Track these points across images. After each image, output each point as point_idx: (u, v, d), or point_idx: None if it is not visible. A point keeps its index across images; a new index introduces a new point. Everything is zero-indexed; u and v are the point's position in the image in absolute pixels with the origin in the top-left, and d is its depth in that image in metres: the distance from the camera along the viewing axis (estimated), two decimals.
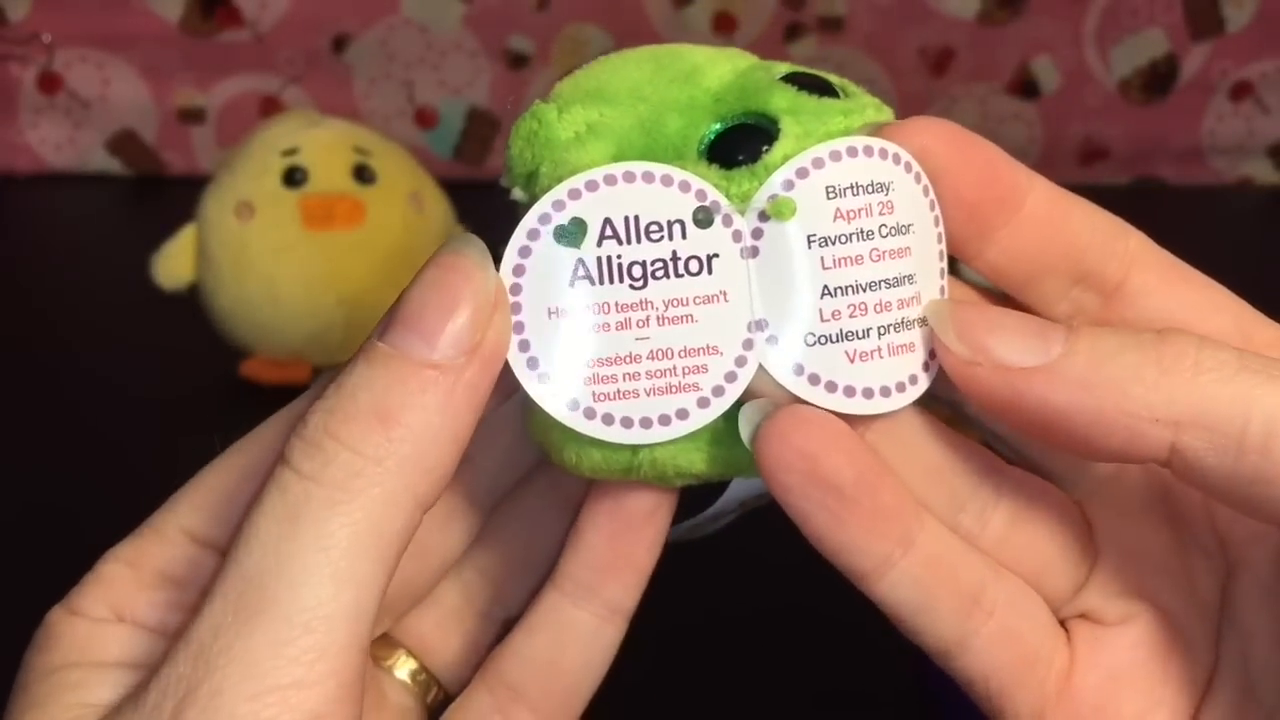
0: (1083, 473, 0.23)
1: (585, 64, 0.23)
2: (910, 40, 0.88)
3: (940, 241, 0.22)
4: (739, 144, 0.21)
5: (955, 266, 0.22)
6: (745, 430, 0.21)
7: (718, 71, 0.22)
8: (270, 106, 0.87)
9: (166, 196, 0.76)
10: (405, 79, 0.88)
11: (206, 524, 0.22)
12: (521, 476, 0.25)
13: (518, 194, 0.22)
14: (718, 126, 0.21)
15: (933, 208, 0.21)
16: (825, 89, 0.22)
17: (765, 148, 0.21)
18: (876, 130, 0.21)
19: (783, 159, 0.21)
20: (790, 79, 0.22)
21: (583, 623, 0.24)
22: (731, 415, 0.21)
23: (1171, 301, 0.22)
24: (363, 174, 0.60)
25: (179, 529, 0.22)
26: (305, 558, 0.19)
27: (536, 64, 0.88)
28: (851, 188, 0.21)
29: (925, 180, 0.21)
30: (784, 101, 0.21)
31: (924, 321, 0.21)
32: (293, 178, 0.59)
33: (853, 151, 0.21)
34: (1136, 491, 0.23)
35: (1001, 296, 0.23)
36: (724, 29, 0.88)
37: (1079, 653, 0.23)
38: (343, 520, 0.19)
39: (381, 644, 0.25)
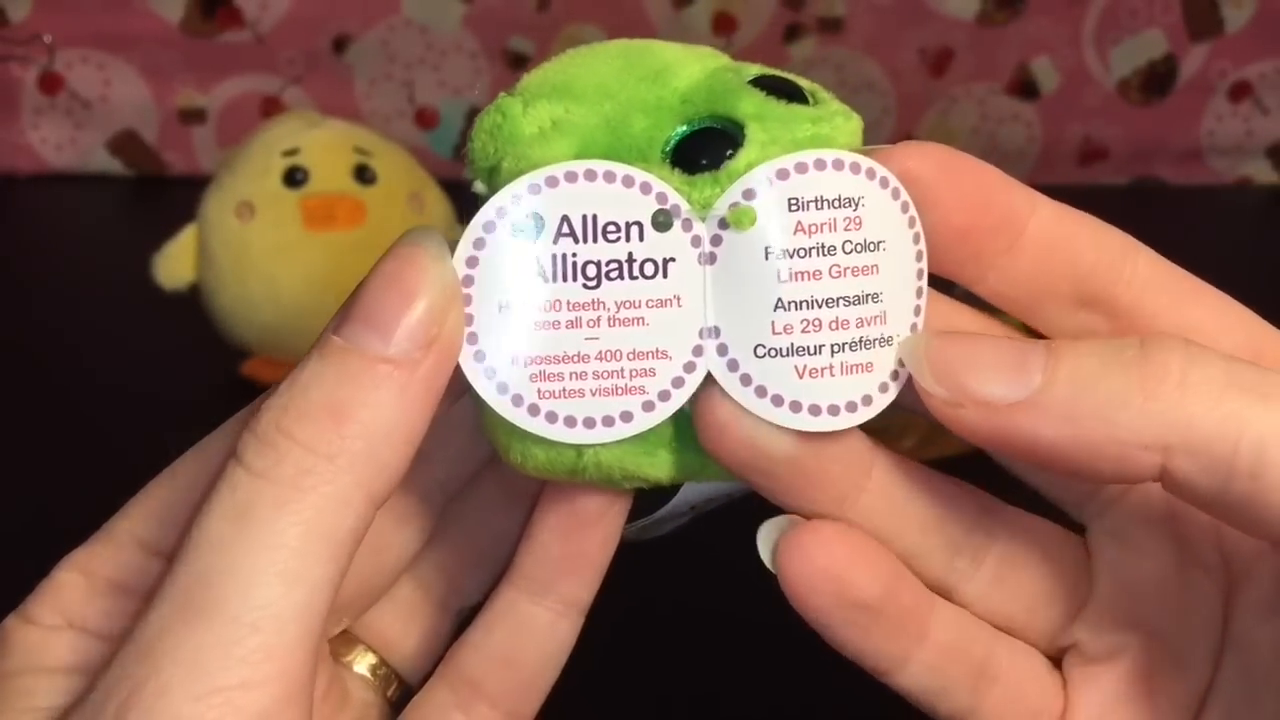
0: (1086, 495, 0.24)
1: (554, 57, 0.23)
2: (910, 41, 0.88)
3: (920, 260, 0.21)
4: (703, 148, 0.21)
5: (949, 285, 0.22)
6: (764, 549, 0.21)
7: (687, 72, 0.22)
8: (271, 107, 0.87)
9: (167, 197, 0.77)
10: (406, 79, 0.88)
11: (156, 532, 0.22)
12: (474, 473, 0.25)
13: (479, 187, 0.21)
14: (683, 129, 0.21)
15: (912, 225, 0.21)
16: (794, 94, 0.21)
17: (729, 153, 0.20)
18: (867, 153, 0.21)
19: (746, 166, 0.20)
20: (759, 82, 0.21)
21: (539, 618, 0.24)
22: (679, 420, 0.21)
23: (1182, 326, 0.22)
24: (363, 174, 0.60)
25: (130, 536, 0.22)
26: (254, 557, 0.19)
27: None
28: (816, 201, 0.20)
29: (905, 198, 0.21)
30: (751, 106, 0.21)
31: (887, 341, 0.21)
32: (293, 178, 0.59)
33: (820, 164, 0.20)
34: (1141, 512, 0.23)
35: (992, 310, 0.22)
36: (724, 29, 0.88)
37: (1072, 695, 0.23)
38: (293, 519, 0.19)
39: (341, 641, 0.26)
